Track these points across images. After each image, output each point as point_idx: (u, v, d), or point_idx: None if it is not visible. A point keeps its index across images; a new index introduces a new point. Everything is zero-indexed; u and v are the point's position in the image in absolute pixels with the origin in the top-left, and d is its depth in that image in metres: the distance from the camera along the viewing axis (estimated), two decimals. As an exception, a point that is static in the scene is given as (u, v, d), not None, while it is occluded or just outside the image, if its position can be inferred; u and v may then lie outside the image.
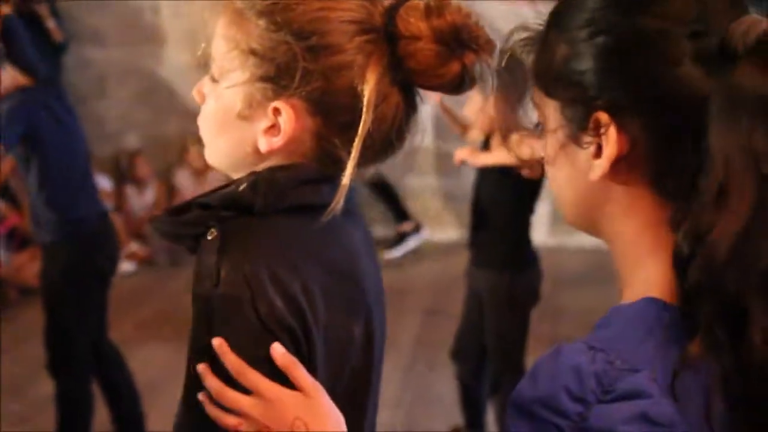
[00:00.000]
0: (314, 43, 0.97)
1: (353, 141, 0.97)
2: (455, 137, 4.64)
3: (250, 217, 0.98)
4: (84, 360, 3.13)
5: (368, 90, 0.97)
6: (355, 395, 1.07)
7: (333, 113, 0.99)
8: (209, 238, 0.98)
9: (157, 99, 6.01)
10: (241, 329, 0.94)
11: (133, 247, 5.64)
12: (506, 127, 0.99)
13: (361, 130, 0.97)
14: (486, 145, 3.07)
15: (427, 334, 4.40)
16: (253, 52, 0.99)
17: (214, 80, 1.04)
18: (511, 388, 3.09)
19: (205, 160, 1.09)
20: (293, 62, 0.97)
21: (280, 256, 0.97)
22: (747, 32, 0.73)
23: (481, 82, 1.02)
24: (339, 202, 0.97)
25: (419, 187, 6.19)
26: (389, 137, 1.02)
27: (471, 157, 3.04)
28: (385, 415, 3.70)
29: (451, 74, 1.00)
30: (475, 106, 2.99)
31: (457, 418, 3.36)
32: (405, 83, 1.01)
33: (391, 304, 4.61)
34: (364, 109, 0.97)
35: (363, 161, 1.00)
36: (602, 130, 0.78)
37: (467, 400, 3.27)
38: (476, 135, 3.08)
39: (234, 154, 1.04)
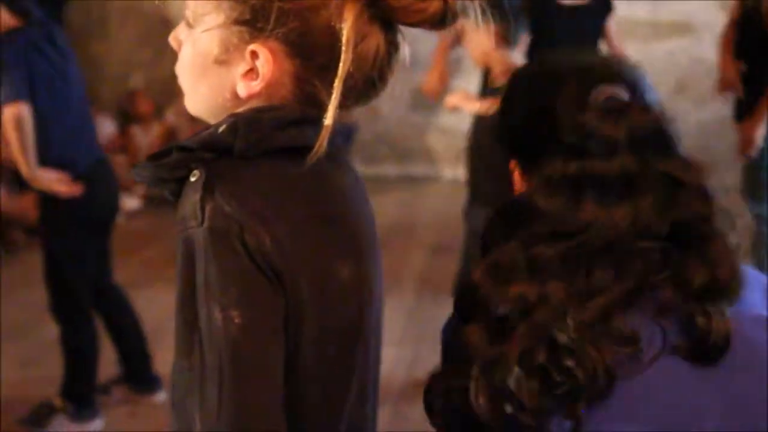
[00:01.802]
0: None
1: (333, 82, 0.94)
2: (460, 74, 4.60)
3: (233, 159, 0.96)
4: (84, 306, 3.14)
5: (346, 29, 0.94)
6: (346, 342, 1.05)
7: (311, 54, 0.96)
8: (192, 179, 0.95)
9: (159, 39, 5.94)
10: (229, 262, 0.91)
11: (141, 189, 5.64)
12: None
13: (341, 70, 0.94)
14: (485, 79, 3.03)
15: (433, 271, 4.40)
16: None
17: (189, 26, 1.01)
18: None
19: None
20: (268, 3, 0.94)
21: (265, 198, 0.95)
22: None
23: (464, 16, 0.98)
24: (323, 144, 0.95)
25: (423, 124, 6.15)
26: (371, 77, 1.00)
27: (462, 103, 3.03)
28: (389, 352, 3.72)
29: (432, 9, 0.96)
30: (474, 41, 2.94)
31: (460, 354, 3.38)
32: (385, 21, 0.98)
33: (396, 241, 4.66)
34: (343, 49, 0.94)
35: (345, 102, 0.98)
36: None
37: (468, 336, 3.28)
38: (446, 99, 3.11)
39: (213, 100, 1.02)
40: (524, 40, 3.07)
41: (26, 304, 3.95)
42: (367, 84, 1.00)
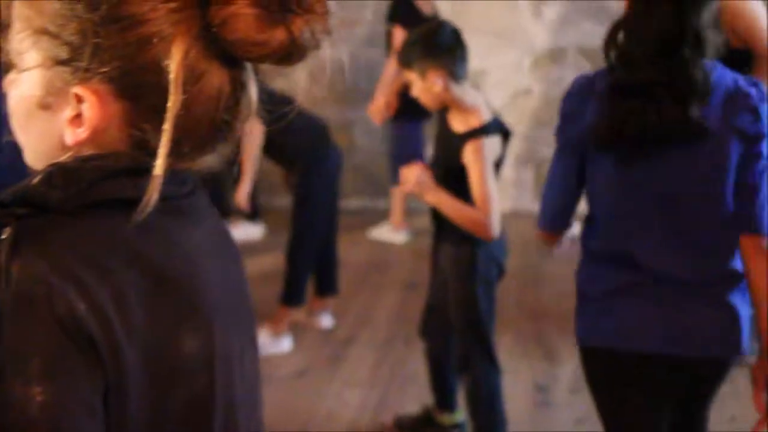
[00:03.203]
0: (106, 13, 0.83)
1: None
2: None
3: (51, 213, 0.84)
4: None
5: (174, 66, 0.83)
6: (193, 423, 0.92)
7: (139, 95, 0.85)
8: (3, 237, 0.83)
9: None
10: (33, 331, 0.79)
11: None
12: None
13: (170, 113, 0.83)
14: (443, 120, 2.91)
15: (405, 310, 4.30)
16: (45, 32, 0.85)
17: (17, 67, 0.90)
18: (481, 364, 3.02)
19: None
20: (83, 40, 0.84)
21: (83, 259, 0.83)
22: None
23: (314, 50, 0.87)
24: (152, 196, 0.83)
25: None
26: (214, 122, 0.88)
27: (419, 191, 2.77)
28: (355, 394, 3.55)
29: (275, 43, 0.84)
30: (420, 87, 2.79)
31: (430, 396, 3.28)
32: (228, 58, 0.87)
33: (369, 279, 4.52)
34: (171, 89, 0.83)
35: (183, 149, 0.87)
36: None
37: (437, 377, 3.17)
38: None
39: (42, 149, 0.90)
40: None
41: None
42: (212, 128, 0.89)
